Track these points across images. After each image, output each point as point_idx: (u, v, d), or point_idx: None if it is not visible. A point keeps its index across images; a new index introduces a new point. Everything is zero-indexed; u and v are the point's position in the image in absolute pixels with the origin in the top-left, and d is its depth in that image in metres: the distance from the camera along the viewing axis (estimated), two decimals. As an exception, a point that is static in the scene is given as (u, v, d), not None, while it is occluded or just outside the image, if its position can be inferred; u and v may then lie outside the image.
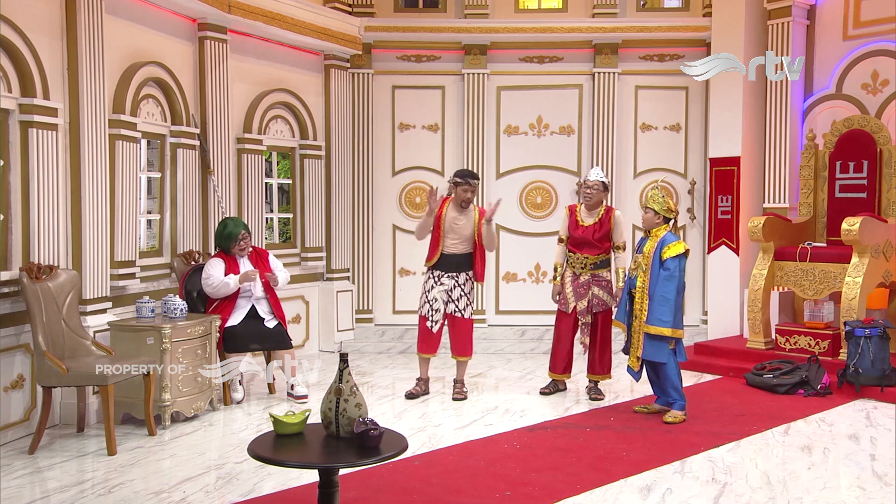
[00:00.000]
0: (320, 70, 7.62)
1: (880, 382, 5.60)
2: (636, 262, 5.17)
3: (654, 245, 5.10)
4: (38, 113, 4.73)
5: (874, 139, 6.65)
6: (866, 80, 6.98)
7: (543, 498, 3.76)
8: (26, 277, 4.54)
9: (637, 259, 5.18)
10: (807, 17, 7.28)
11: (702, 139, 7.91)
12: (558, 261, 5.80)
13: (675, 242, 5.06)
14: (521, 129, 8.06)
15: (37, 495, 3.86)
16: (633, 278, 5.18)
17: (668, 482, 4.00)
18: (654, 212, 5.14)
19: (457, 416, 5.28)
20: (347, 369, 3.05)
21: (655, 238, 5.13)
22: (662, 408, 5.24)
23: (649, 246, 5.13)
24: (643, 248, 5.18)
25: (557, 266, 5.79)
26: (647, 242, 5.16)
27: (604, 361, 5.76)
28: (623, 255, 5.71)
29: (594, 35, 7.81)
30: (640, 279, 5.12)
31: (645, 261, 5.11)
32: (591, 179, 5.68)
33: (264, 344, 5.68)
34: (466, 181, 5.60)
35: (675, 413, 5.10)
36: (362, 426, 2.94)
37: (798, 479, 4.04)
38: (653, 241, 5.13)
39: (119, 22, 5.43)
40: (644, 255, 5.12)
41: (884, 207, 6.62)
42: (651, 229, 5.17)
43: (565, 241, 5.75)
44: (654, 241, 5.12)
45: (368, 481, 3.91)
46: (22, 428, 4.68)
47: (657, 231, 5.15)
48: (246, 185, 6.67)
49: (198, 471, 4.16)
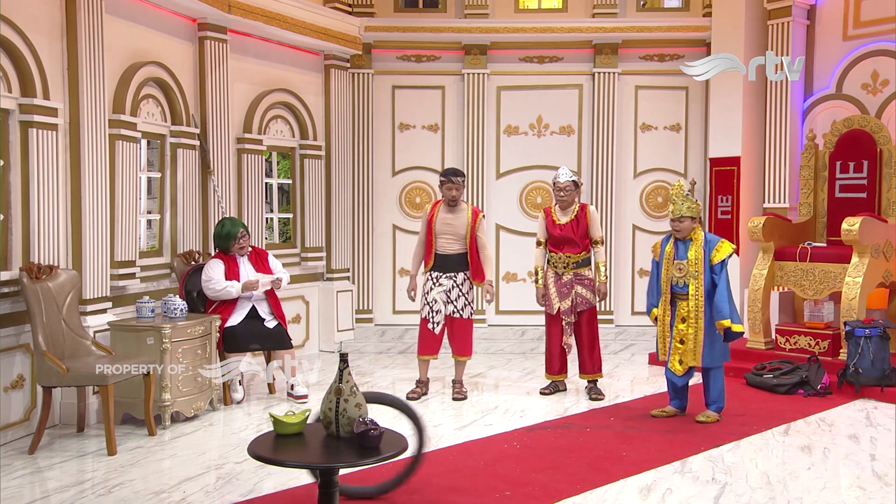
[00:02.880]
0: (320, 70, 7.62)
1: (880, 382, 5.59)
2: (682, 270, 5.04)
3: (699, 249, 5.01)
4: (38, 113, 4.73)
5: (874, 139, 6.65)
6: (866, 80, 6.98)
7: (543, 498, 3.76)
8: (26, 277, 4.54)
9: (682, 266, 5.04)
10: (807, 17, 7.28)
11: (702, 139, 7.92)
12: (539, 264, 5.81)
13: (721, 242, 5.03)
14: (521, 129, 8.06)
15: (37, 495, 3.86)
16: (685, 286, 5.02)
17: (668, 482, 4.00)
18: (689, 219, 5.05)
19: (456, 417, 5.28)
20: (347, 369, 3.05)
21: (697, 242, 5.04)
22: (677, 411, 5.22)
23: (695, 251, 5.02)
24: (686, 254, 5.04)
25: (538, 269, 5.80)
26: (691, 248, 5.04)
27: (594, 360, 5.77)
28: (601, 249, 5.74)
29: (594, 35, 7.81)
30: (693, 286, 5.01)
31: (693, 267, 5.01)
32: (561, 181, 5.68)
33: (264, 344, 5.68)
34: (449, 179, 5.62)
35: (711, 414, 5.09)
36: (362, 426, 2.94)
37: (798, 479, 4.04)
38: (696, 246, 5.03)
39: (119, 22, 5.43)
40: (690, 262, 5.01)
41: (884, 207, 6.62)
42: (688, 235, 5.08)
43: (544, 244, 5.78)
44: (697, 246, 5.03)
45: (368, 481, 3.91)
46: (22, 428, 4.68)
47: (693, 234, 5.07)
48: (246, 185, 6.68)
49: (198, 471, 4.16)
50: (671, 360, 5.11)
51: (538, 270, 5.80)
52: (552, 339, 5.79)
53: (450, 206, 5.67)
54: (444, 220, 5.66)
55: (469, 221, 5.68)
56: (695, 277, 5.01)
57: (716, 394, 5.13)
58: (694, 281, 5.01)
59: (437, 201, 5.81)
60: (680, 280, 5.06)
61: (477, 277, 5.70)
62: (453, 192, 5.63)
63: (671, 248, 5.13)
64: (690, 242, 5.07)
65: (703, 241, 5.04)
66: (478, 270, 5.69)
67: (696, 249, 5.03)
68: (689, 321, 5.03)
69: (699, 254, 5.02)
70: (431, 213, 5.70)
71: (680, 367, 5.07)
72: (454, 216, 5.67)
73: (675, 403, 5.24)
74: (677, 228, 5.08)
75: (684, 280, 5.04)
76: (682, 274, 5.04)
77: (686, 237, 5.09)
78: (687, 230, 5.07)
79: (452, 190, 5.63)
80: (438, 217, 5.68)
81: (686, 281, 5.04)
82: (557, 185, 5.72)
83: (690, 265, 5.02)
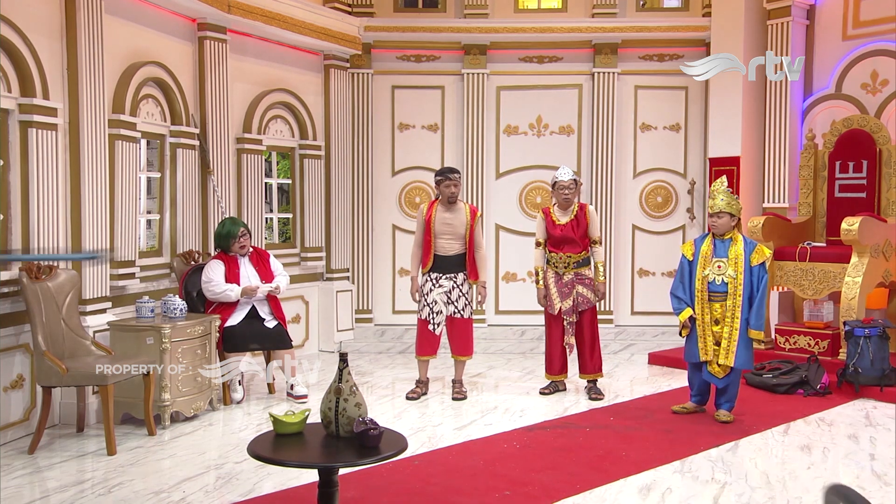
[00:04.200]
0: (320, 70, 7.62)
1: (880, 382, 5.60)
2: (721, 268, 4.97)
3: (740, 249, 4.96)
4: (38, 113, 4.73)
5: (874, 139, 6.65)
6: (866, 79, 6.98)
7: (543, 497, 3.76)
8: (26, 277, 4.54)
9: (721, 264, 4.97)
10: (806, 17, 7.29)
11: (701, 139, 7.92)
12: (538, 264, 5.78)
13: (760, 246, 4.99)
14: (521, 129, 8.07)
15: (36, 495, 3.86)
16: (722, 285, 4.96)
17: (667, 482, 4.00)
18: (729, 215, 4.98)
19: (456, 416, 5.28)
20: (347, 369, 3.05)
21: (737, 242, 4.98)
22: (698, 407, 5.23)
23: (735, 251, 4.96)
24: (727, 253, 4.98)
25: (539, 270, 5.77)
26: (731, 248, 4.98)
27: (594, 359, 5.76)
28: (599, 248, 5.72)
29: (594, 35, 7.81)
30: (731, 285, 4.94)
31: (733, 266, 4.95)
32: (564, 180, 5.64)
33: (264, 344, 5.68)
34: (446, 176, 5.62)
35: (728, 413, 5.08)
36: (362, 426, 2.94)
37: (798, 479, 4.04)
38: (737, 245, 4.97)
39: (119, 22, 5.43)
40: (731, 260, 4.96)
41: (883, 207, 6.63)
42: (725, 233, 5.02)
43: (543, 244, 5.75)
44: (737, 245, 4.97)
45: (368, 481, 3.91)
46: (21, 428, 4.68)
47: (732, 233, 5.01)
48: (246, 184, 6.68)
49: (197, 470, 4.16)
50: (710, 364, 5.04)
51: (538, 271, 5.78)
52: (553, 339, 5.79)
53: (448, 205, 5.66)
54: (444, 219, 5.64)
55: (468, 220, 5.67)
56: (733, 277, 4.95)
57: (733, 394, 5.11)
58: (732, 281, 4.94)
59: (432, 201, 5.79)
60: (718, 278, 4.98)
61: (472, 276, 5.71)
62: (452, 188, 5.62)
63: (708, 247, 5.06)
64: (730, 242, 5.00)
65: (744, 243, 4.97)
66: (473, 269, 5.69)
67: (736, 249, 4.97)
68: (724, 322, 4.96)
69: (739, 254, 4.95)
70: (429, 215, 5.66)
71: (719, 368, 5.03)
72: (453, 215, 5.66)
73: (695, 399, 5.24)
74: (714, 224, 5.02)
75: (722, 279, 4.97)
76: (722, 272, 4.97)
77: (724, 235, 5.02)
78: (724, 227, 5.00)
79: (451, 186, 5.61)
80: (437, 217, 5.65)
81: (724, 280, 4.97)
82: (560, 183, 5.66)
83: (730, 264, 4.95)
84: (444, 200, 5.67)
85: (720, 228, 5.01)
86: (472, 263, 5.69)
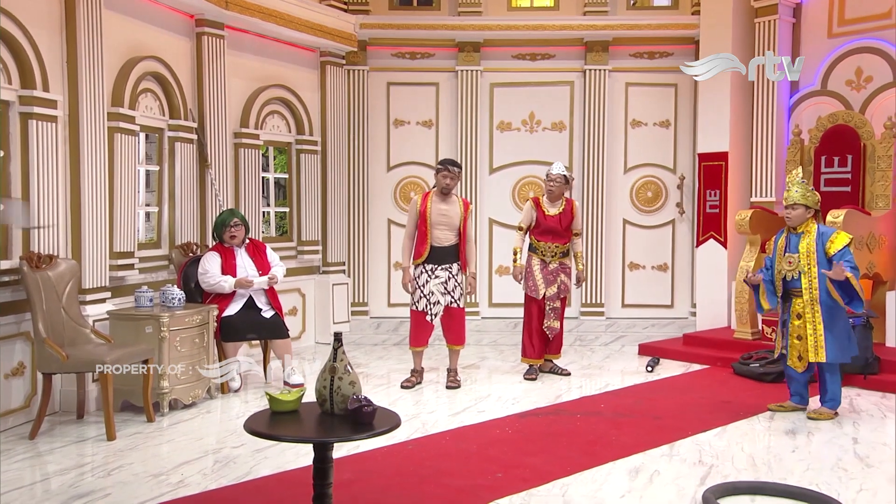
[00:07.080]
0: (316, 66, 7.71)
1: (863, 370, 5.71)
2: (791, 263, 4.89)
3: (811, 241, 4.84)
4: (38, 105, 4.80)
5: (858, 134, 6.77)
6: (850, 76, 7.10)
7: (534, 479, 3.83)
8: (26, 266, 4.62)
9: (792, 259, 4.89)
10: (793, 15, 7.41)
11: (690, 135, 8.03)
12: (518, 245, 6.12)
13: (837, 233, 4.85)
14: (514, 126, 8.17)
15: (37, 478, 3.94)
16: (796, 281, 4.89)
17: (656, 464, 4.09)
18: (804, 207, 4.88)
19: (450, 404, 5.37)
20: (342, 348, 3.13)
21: (809, 234, 4.87)
22: (797, 406, 5.09)
23: (806, 244, 4.85)
24: (797, 247, 4.88)
25: (517, 250, 6.11)
26: (802, 241, 4.87)
27: (559, 341, 6.25)
28: (578, 240, 6.13)
29: (585, 33, 7.92)
30: (805, 280, 4.85)
31: (805, 260, 4.85)
32: (553, 173, 6.03)
33: (261, 333, 5.76)
34: (445, 167, 5.74)
35: (825, 410, 4.97)
36: (356, 403, 3.02)
37: (782, 462, 4.14)
38: (808, 238, 4.86)
39: (118, 17, 5.51)
40: (802, 255, 4.85)
41: (867, 200, 6.74)
42: (798, 226, 4.92)
43: (524, 230, 6.10)
44: (809, 238, 4.86)
45: (362, 464, 4.00)
46: (22, 414, 4.75)
47: (805, 226, 4.90)
48: (243, 178, 6.76)
49: (195, 455, 4.23)
50: (790, 357, 5.01)
51: (517, 251, 6.10)
52: (532, 323, 6.03)
53: (442, 196, 5.75)
54: (439, 210, 5.73)
55: (461, 212, 5.78)
56: (805, 272, 4.86)
57: (833, 391, 4.97)
58: (806, 275, 4.86)
59: (426, 193, 5.87)
60: (789, 273, 4.91)
61: (463, 267, 5.82)
62: (447, 180, 5.72)
63: (783, 241, 4.99)
64: (802, 235, 4.90)
65: (816, 234, 4.86)
66: (464, 260, 5.81)
67: (807, 242, 4.86)
68: (806, 317, 4.88)
69: (811, 246, 4.84)
70: (424, 205, 5.75)
71: (800, 363, 4.97)
72: (448, 206, 5.75)
73: (795, 399, 5.12)
74: (788, 216, 4.93)
75: (793, 274, 4.89)
76: (792, 268, 4.88)
77: (798, 227, 4.92)
78: (798, 219, 4.90)
79: (447, 178, 5.71)
80: (433, 208, 5.74)
81: (796, 275, 4.88)
82: (549, 175, 6.05)
83: (802, 258, 4.86)
84: (438, 191, 5.77)
85: (794, 221, 4.91)
86: (464, 255, 5.80)
